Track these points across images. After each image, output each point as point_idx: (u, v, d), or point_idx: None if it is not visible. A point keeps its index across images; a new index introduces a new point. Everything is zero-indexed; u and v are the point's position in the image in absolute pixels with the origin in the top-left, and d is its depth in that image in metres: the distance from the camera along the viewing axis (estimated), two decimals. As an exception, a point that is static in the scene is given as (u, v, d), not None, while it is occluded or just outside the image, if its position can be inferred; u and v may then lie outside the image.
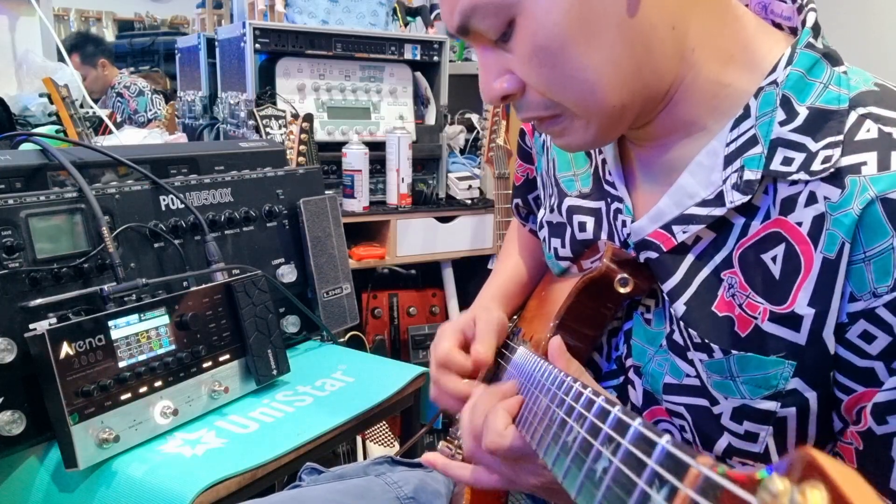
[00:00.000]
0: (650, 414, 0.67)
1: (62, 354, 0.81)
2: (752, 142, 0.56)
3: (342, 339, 1.70)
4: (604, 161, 0.71)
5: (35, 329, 0.84)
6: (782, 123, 0.55)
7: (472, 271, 2.33)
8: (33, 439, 0.87)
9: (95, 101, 3.58)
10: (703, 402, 0.61)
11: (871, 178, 0.52)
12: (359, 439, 1.73)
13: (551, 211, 0.78)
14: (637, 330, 0.67)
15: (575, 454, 0.42)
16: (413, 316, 2.28)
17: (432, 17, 2.50)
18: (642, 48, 0.56)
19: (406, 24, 2.35)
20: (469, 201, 2.20)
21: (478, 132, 2.36)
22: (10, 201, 0.87)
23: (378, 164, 2.04)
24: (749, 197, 0.56)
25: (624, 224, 0.67)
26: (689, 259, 0.60)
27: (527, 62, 0.58)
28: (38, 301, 0.87)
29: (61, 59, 2.33)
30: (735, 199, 0.56)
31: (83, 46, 3.76)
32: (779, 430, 0.58)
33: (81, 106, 1.86)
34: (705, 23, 0.58)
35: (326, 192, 1.27)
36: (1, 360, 0.83)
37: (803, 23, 0.59)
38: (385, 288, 2.27)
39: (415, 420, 1.19)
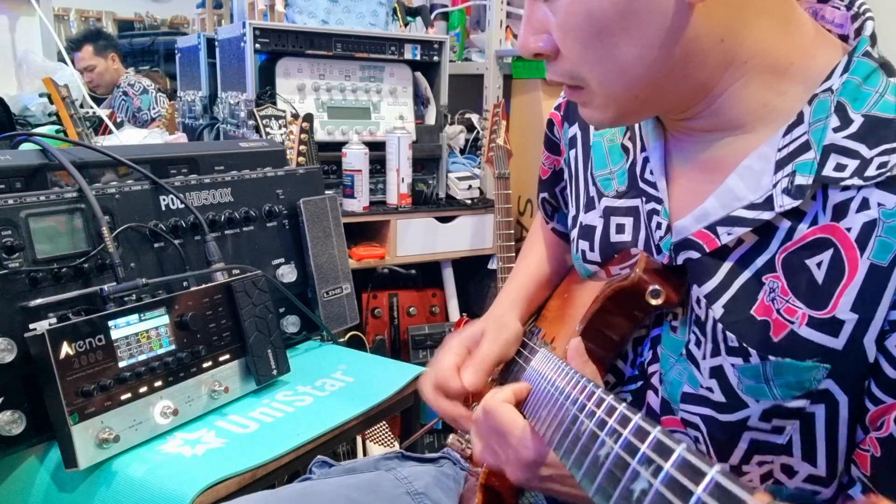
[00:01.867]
0: (665, 423, 0.66)
1: (62, 354, 0.80)
2: (805, 147, 0.56)
3: (342, 339, 1.70)
4: (645, 159, 0.69)
5: (35, 329, 0.84)
6: (836, 130, 0.55)
7: (472, 271, 2.33)
8: (33, 439, 0.87)
9: (102, 99, 3.59)
10: (716, 414, 0.60)
11: None
12: (359, 439, 1.73)
13: (586, 210, 0.77)
14: (665, 338, 0.66)
15: (608, 471, 0.42)
16: (413, 316, 2.28)
17: (432, 17, 2.50)
18: (681, 55, 0.56)
19: (406, 24, 2.35)
20: (469, 201, 2.20)
21: (478, 132, 2.36)
22: (10, 201, 0.87)
23: (378, 164, 2.04)
24: (800, 202, 0.55)
25: (658, 226, 0.66)
26: (730, 263, 0.59)
27: (563, 32, 0.58)
28: (38, 301, 0.87)
29: (61, 59, 2.33)
30: (785, 203, 0.56)
31: (97, 39, 3.83)
32: (806, 428, 0.57)
33: (81, 106, 1.86)
34: (768, 33, 0.57)
35: (326, 192, 1.27)
36: (1, 360, 0.83)
37: (857, 31, 0.59)
38: (385, 288, 2.27)
39: (415, 420, 1.19)
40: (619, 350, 0.70)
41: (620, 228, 0.71)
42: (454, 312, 2.32)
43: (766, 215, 0.57)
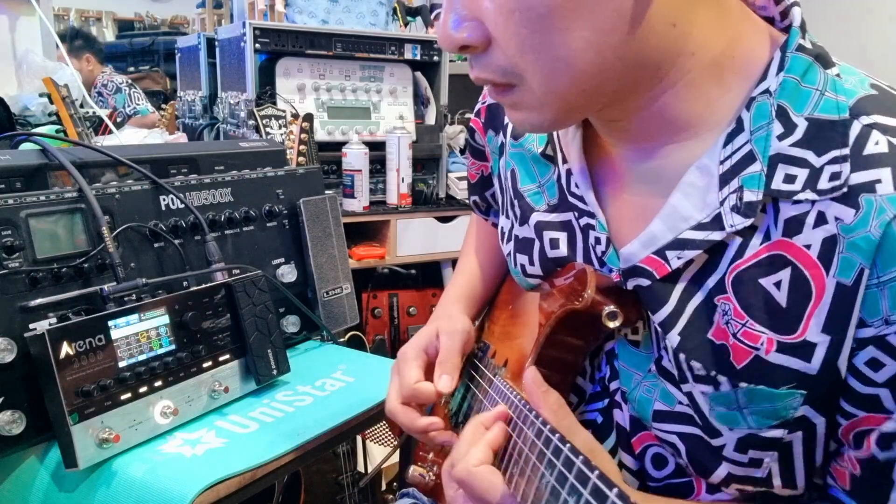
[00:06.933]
0: (639, 440, 0.63)
1: (62, 354, 0.80)
2: (750, 158, 0.53)
3: (342, 339, 1.70)
4: (569, 171, 0.65)
5: (35, 329, 0.84)
6: (780, 137, 0.52)
7: (472, 271, 2.33)
8: (33, 439, 0.87)
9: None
10: (698, 432, 0.58)
11: (888, 198, 0.48)
12: (359, 439, 1.73)
13: (520, 224, 0.73)
14: (622, 353, 0.63)
15: None
16: (413, 316, 2.28)
17: (432, 16, 2.50)
18: (634, 41, 0.50)
19: (406, 24, 2.35)
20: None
21: (478, 132, 2.35)
22: (10, 201, 0.87)
23: (378, 163, 2.04)
24: (751, 220, 0.52)
25: (598, 241, 0.63)
26: (681, 285, 0.56)
27: (505, 15, 0.50)
28: (38, 301, 0.87)
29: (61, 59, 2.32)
30: (736, 222, 0.53)
31: (72, 39, 3.81)
32: (784, 455, 0.55)
33: (81, 106, 1.86)
34: (709, 21, 0.53)
35: (326, 192, 1.27)
36: (1, 360, 0.83)
37: (783, 14, 0.56)
38: (385, 288, 2.27)
39: (415, 420, 1.18)
40: (576, 369, 0.67)
41: (554, 243, 0.68)
42: (454, 312, 2.32)
43: (716, 235, 0.54)
